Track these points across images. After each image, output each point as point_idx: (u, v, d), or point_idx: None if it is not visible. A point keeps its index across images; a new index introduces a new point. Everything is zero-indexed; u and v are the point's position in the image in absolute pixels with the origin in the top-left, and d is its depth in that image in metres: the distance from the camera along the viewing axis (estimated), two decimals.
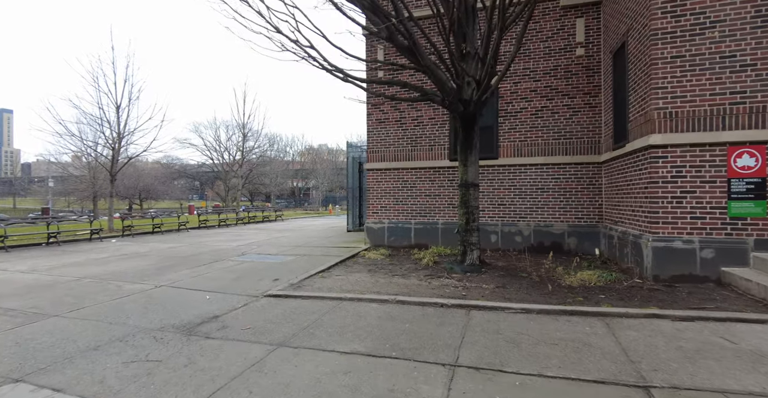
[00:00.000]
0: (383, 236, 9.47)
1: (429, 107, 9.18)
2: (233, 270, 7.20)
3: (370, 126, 9.65)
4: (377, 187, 9.60)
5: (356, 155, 13.75)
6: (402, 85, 6.93)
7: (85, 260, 8.54)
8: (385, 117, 9.53)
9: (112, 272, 7.11)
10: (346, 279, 6.26)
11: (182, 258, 8.54)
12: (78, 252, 9.89)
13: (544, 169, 8.44)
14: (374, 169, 9.62)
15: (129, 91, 15.27)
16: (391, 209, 9.47)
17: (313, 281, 6.16)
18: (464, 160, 6.65)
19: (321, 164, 63.53)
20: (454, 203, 8.97)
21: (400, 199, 9.41)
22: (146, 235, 14.03)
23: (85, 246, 11.01)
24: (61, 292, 5.66)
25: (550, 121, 8.41)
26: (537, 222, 8.46)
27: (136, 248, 10.43)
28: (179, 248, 10.31)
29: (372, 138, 9.63)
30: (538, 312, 4.38)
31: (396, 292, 5.32)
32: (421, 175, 9.23)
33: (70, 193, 42.64)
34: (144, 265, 7.77)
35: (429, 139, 9.17)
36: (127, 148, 15.79)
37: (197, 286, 5.94)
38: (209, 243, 11.25)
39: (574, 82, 8.27)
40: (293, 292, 5.43)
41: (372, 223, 9.60)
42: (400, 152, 9.39)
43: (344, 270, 6.92)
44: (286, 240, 11.86)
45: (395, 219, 9.44)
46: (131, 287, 5.92)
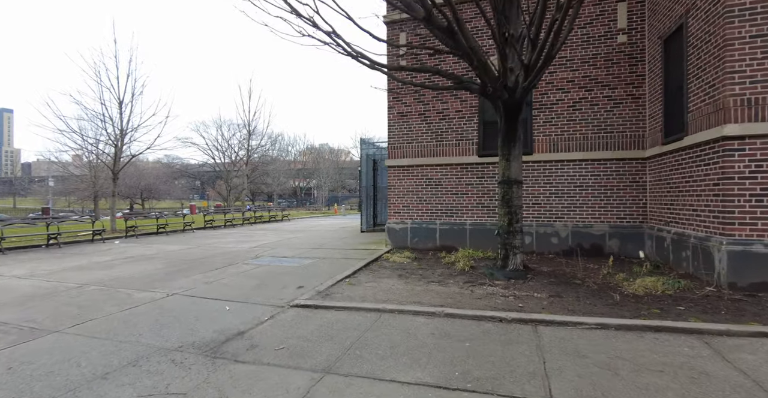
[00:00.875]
0: (406, 237, 8.86)
1: (455, 99, 8.56)
2: (250, 275, 6.59)
3: (392, 120, 9.03)
4: (399, 185, 8.99)
5: (370, 152, 13.14)
6: (435, 72, 6.32)
7: (88, 263, 7.93)
8: (407, 110, 8.91)
9: (117, 277, 6.50)
10: (377, 286, 5.65)
11: (192, 262, 7.93)
12: (80, 254, 9.29)
13: (582, 166, 7.82)
14: (396, 166, 9.01)
15: (132, 86, 14.70)
16: (415, 209, 8.86)
17: (341, 288, 5.55)
18: (506, 155, 6.04)
19: (323, 164, 62.84)
20: (483, 202, 8.36)
21: (424, 197, 8.80)
22: (151, 236, 13.42)
23: (87, 248, 10.41)
24: (62, 302, 5.05)
25: (589, 114, 7.80)
26: (575, 222, 7.85)
27: (142, 250, 9.82)
28: (188, 250, 9.71)
29: (393, 133, 9.01)
30: (617, 328, 3.77)
31: (440, 303, 4.71)
32: (447, 172, 8.61)
33: (71, 193, 42.07)
34: (152, 270, 7.17)
35: (455, 133, 8.56)
36: (130, 145, 15.20)
37: (214, 295, 5.33)
38: (219, 245, 10.64)
39: (615, 71, 7.66)
40: (323, 302, 4.82)
41: (394, 224, 8.99)
42: (424, 148, 8.77)
43: (372, 276, 6.32)
44: (299, 241, 11.24)
45: (419, 219, 8.82)
46: (140, 295, 5.32)
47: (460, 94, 8.52)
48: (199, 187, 71.03)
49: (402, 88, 8.86)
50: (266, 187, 57.26)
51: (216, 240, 12.00)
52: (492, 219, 8.29)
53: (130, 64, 14.56)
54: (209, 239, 12.28)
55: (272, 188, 57.45)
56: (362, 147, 12.88)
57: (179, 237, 13.19)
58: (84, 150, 15.91)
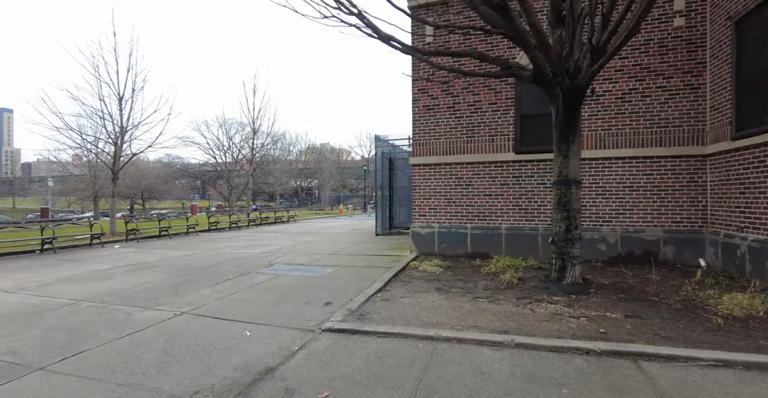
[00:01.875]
0: (433, 243, 8.08)
1: (489, 90, 7.78)
2: (267, 288, 5.82)
3: (417, 114, 8.25)
4: (425, 186, 8.21)
5: (386, 150, 12.36)
6: (480, 57, 5.54)
7: (85, 273, 7.16)
8: (434, 103, 8.13)
9: (117, 290, 5.73)
10: (416, 303, 4.88)
11: (200, 271, 7.16)
12: (76, 261, 8.52)
13: (633, 164, 7.05)
14: (421, 165, 8.23)
15: (132, 81, 13.92)
16: (443, 211, 8.08)
17: (375, 306, 4.78)
18: (564, 150, 5.26)
19: (326, 163, 62.09)
20: (520, 204, 7.58)
21: (453, 199, 8.02)
22: (152, 240, 12.65)
23: (84, 254, 9.64)
24: (51, 324, 4.28)
25: (640, 107, 7.02)
26: (624, 227, 7.07)
27: (144, 256, 9.05)
28: (194, 256, 8.93)
29: (419, 128, 8.24)
30: (746, 367, 2.99)
31: (502, 327, 3.94)
32: (479, 171, 7.84)
33: (70, 193, 41.34)
34: (156, 280, 6.40)
35: (489, 128, 7.78)
36: (130, 143, 14.42)
37: (228, 313, 4.56)
38: (227, 250, 9.87)
39: (670, 58, 6.87)
40: (360, 325, 4.05)
41: (419, 228, 8.21)
42: (454, 144, 7.99)
43: (406, 290, 5.54)
44: (313, 246, 10.47)
45: (447, 223, 8.05)
46: (143, 316, 4.54)
47: (493, 84, 7.74)
48: (199, 186, 70.33)
49: (429, 78, 8.08)
50: (267, 186, 56.54)
51: (223, 244, 11.23)
52: (531, 224, 7.52)
53: (131, 57, 13.80)
54: (215, 243, 11.50)
55: (274, 188, 56.75)
56: (377, 144, 12.11)
57: (183, 241, 12.41)
58: (83, 148, 15.14)
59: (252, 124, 21.27)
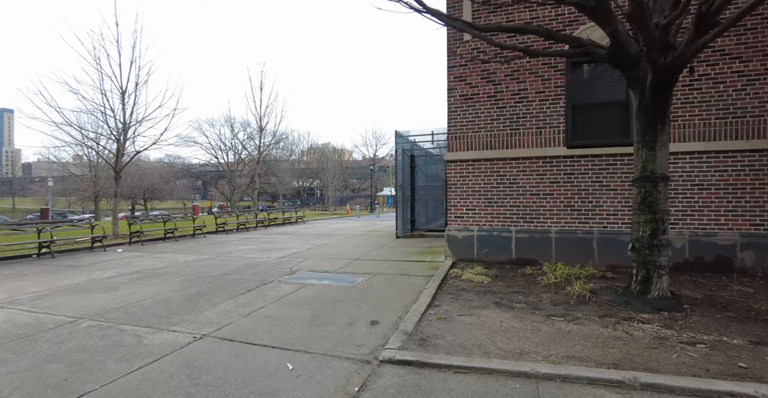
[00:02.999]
0: (471, 247, 7.28)
1: (536, 77, 6.99)
2: (297, 301, 5.03)
3: (453, 104, 7.46)
4: (462, 184, 7.42)
5: (407, 147, 11.56)
6: (544, 34, 4.75)
7: (86, 282, 6.38)
8: (473, 92, 7.34)
9: (123, 305, 4.94)
10: (481, 323, 4.08)
11: (215, 279, 6.37)
12: (76, 268, 7.73)
13: (703, 159, 6.25)
14: (457, 161, 7.43)
15: (136, 74, 13.13)
16: (483, 212, 7.28)
17: (433, 327, 3.99)
18: (649, 142, 4.47)
19: (330, 163, 61.33)
20: (573, 204, 6.79)
21: (494, 198, 7.22)
22: (157, 242, 11.86)
23: (85, 259, 8.85)
24: (45, 352, 3.49)
25: (712, 94, 6.22)
26: (692, 230, 6.28)
27: (150, 261, 8.26)
28: (205, 262, 8.14)
29: (455, 120, 7.44)
30: None
31: (607, 358, 3.15)
32: (525, 168, 7.04)
33: (71, 193, 40.61)
34: (167, 291, 5.60)
35: (536, 119, 6.99)
36: (134, 140, 13.65)
37: (260, 337, 3.77)
38: (240, 255, 9.08)
39: (749, 39, 6.08)
40: (428, 355, 3.25)
41: (455, 231, 7.41)
42: (495, 137, 7.20)
43: (460, 305, 4.75)
44: (333, 250, 9.67)
45: (488, 225, 7.25)
46: (157, 340, 3.75)
47: (540, 71, 6.95)
48: (200, 187, 69.63)
49: (466, 64, 7.29)
50: (270, 187, 55.83)
51: (234, 247, 10.43)
52: (584, 227, 6.72)
53: (134, 49, 13.02)
54: (226, 246, 10.71)
55: (276, 188, 56.00)
56: (397, 141, 11.31)
57: (191, 243, 11.62)
58: (83, 145, 14.36)
59: (259, 121, 20.49)
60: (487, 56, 7.22)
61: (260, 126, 20.58)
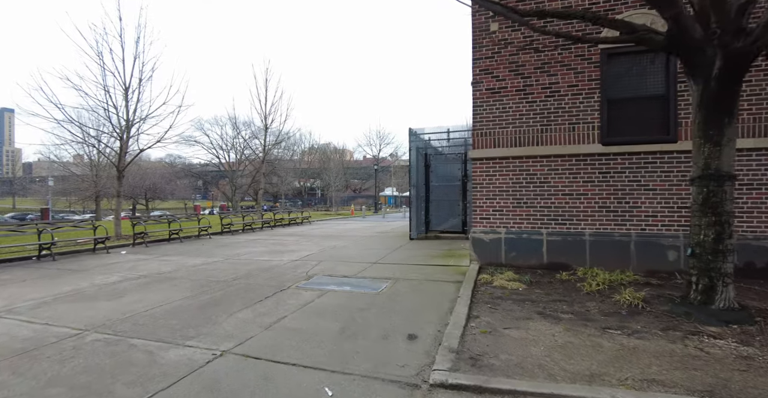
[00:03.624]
0: (498, 251, 6.86)
1: (568, 70, 6.57)
2: (320, 310, 4.60)
3: (479, 98, 7.03)
4: (488, 184, 7.00)
5: (421, 146, 11.14)
6: (591, 18, 4.34)
7: (89, 288, 5.96)
8: (500, 85, 6.92)
9: (131, 315, 4.51)
10: (531, 337, 3.66)
11: (228, 285, 5.95)
12: (79, 272, 7.31)
13: (753, 157, 5.83)
14: (484, 159, 7.01)
15: (140, 70, 12.73)
16: (511, 214, 6.86)
17: (480, 342, 3.57)
18: (714, 136, 4.04)
19: (332, 163, 60.94)
20: (609, 205, 6.36)
21: (523, 199, 6.80)
22: (162, 244, 11.44)
23: (88, 262, 8.43)
24: (45, 373, 3.07)
25: (763, 87, 5.80)
26: (740, 233, 5.84)
27: (157, 265, 7.84)
28: (215, 265, 7.72)
29: (481, 115, 7.02)
30: None
31: (693, 383, 2.73)
32: (557, 166, 6.62)
33: (71, 193, 40.22)
34: (177, 299, 5.18)
35: (569, 114, 6.56)
36: (137, 138, 13.24)
37: (287, 353, 3.35)
38: (250, 257, 8.65)
39: None
40: (485, 378, 2.83)
41: (481, 233, 6.99)
42: (525, 134, 6.78)
43: (502, 315, 4.32)
44: (346, 253, 9.24)
45: (516, 227, 6.82)
46: (171, 357, 3.33)
47: (573, 63, 6.53)
48: (201, 186, 69.29)
49: (493, 56, 6.87)
50: (271, 186, 55.41)
51: (243, 249, 10.01)
52: (621, 229, 6.30)
53: (138, 44, 12.61)
54: (234, 248, 10.28)
55: (278, 188, 55.63)
56: (411, 139, 10.88)
57: (196, 245, 11.20)
58: (85, 143, 13.96)
59: (264, 119, 20.08)
60: (515, 47, 6.81)
61: (265, 124, 20.17)
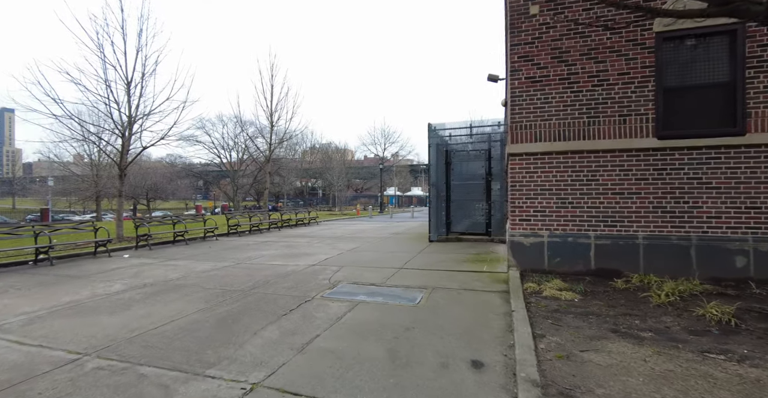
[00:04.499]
0: (540, 256, 6.24)
1: (618, 56, 5.94)
2: (358, 327, 3.98)
3: (517, 88, 6.41)
4: (529, 181, 6.38)
5: (441, 142, 10.51)
6: None
7: (90, 298, 5.34)
8: (541, 74, 6.30)
9: (139, 333, 3.90)
10: (617, 362, 3.05)
11: (245, 295, 5.33)
12: (78, 278, 6.69)
13: None
14: (524, 154, 6.39)
15: (142, 64, 12.11)
16: (554, 215, 6.24)
17: (559, 370, 2.96)
18: None
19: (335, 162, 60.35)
20: (664, 206, 5.75)
21: (568, 198, 6.18)
22: (167, 246, 10.83)
23: (88, 266, 7.82)
24: None
25: None
26: None
27: (163, 271, 7.22)
28: (226, 271, 7.10)
29: (520, 106, 6.40)
30: None
31: None
32: (606, 162, 6.00)
33: (72, 193, 39.61)
34: (190, 312, 4.56)
35: (619, 105, 5.94)
36: (140, 135, 12.61)
37: (332, 386, 2.74)
38: (262, 262, 8.03)
39: None
40: None
41: (521, 237, 6.37)
42: (569, 127, 6.16)
43: (569, 334, 3.70)
44: (366, 257, 8.62)
45: (560, 230, 6.20)
46: (192, 393, 2.71)
47: (624, 49, 5.91)
48: (201, 186, 68.72)
49: (533, 41, 6.26)
50: (274, 186, 54.79)
51: (254, 253, 9.39)
52: (679, 231, 5.68)
53: (140, 36, 11.98)
54: (244, 251, 9.66)
55: (281, 188, 55.06)
56: (430, 135, 10.26)
57: (203, 248, 10.58)
58: (85, 141, 13.34)
59: (270, 116, 19.45)
60: (558, 32, 6.19)
61: (271, 121, 19.54)
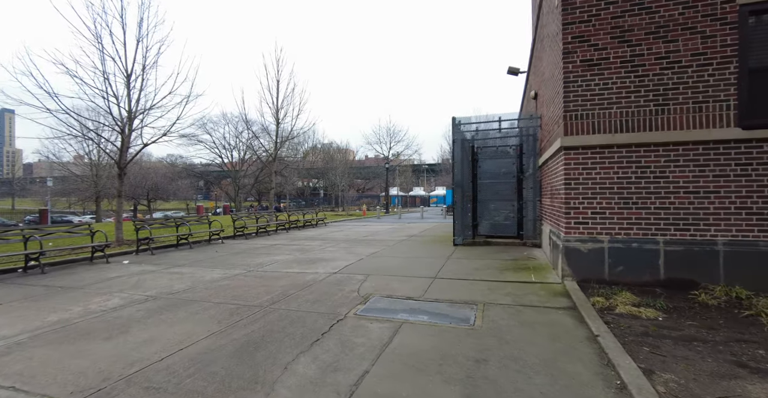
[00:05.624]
0: (600, 264, 5.44)
1: (692, 34, 5.15)
2: (413, 359, 3.19)
3: (571, 72, 5.62)
4: (586, 178, 5.58)
5: (467, 137, 9.71)
6: None
7: (82, 317, 4.55)
8: (600, 56, 5.50)
9: (140, 368, 3.10)
10: None
11: (265, 312, 4.54)
12: (71, 290, 5.91)
13: None
14: (579, 148, 5.60)
15: (143, 56, 11.33)
16: (616, 216, 5.45)
17: None
18: None
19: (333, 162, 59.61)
20: (749, 206, 4.95)
21: (632, 198, 5.39)
22: (170, 251, 10.04)
23: (83, 275, 7.03)
24: None
25: None
26: None
27: (167, 280, 6.43)
28: (237, 280, 6.31)
29: (574, 93, 5.60)
30: None
31: None
32: (678, 156, 5.21)
33: (71, 193, 38.87)
34: (201, 336, 3.77)
35: (693, 91, 5.15)
36: (141, 131, 11.82)
37: None
38: (276, 268, 7.24)
39: None
40: None
41: (576, 242, 5.57)
42: (633, 116, 5.36)
43: (683, 370, 2.92)
44: (391, 263, 7.82)
45: (623, 234, 5.40)
46: None
47: (700, 24, 5.12)
48: (202, 187, 68.00)
49: (589, 19, 5.47)
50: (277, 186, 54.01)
51: (265, 258, 8.59)
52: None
53: (141, 26, 11.19)
54: (254, 256, 8.87)
55: (283, 188, 54.37)
56: (455, 130, 9.47)
57: (209, 252, 9.79)
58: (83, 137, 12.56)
59: (276, 114, 18.67)
60: (618, 8, 5.40)
61: (277, 119, 18.75)
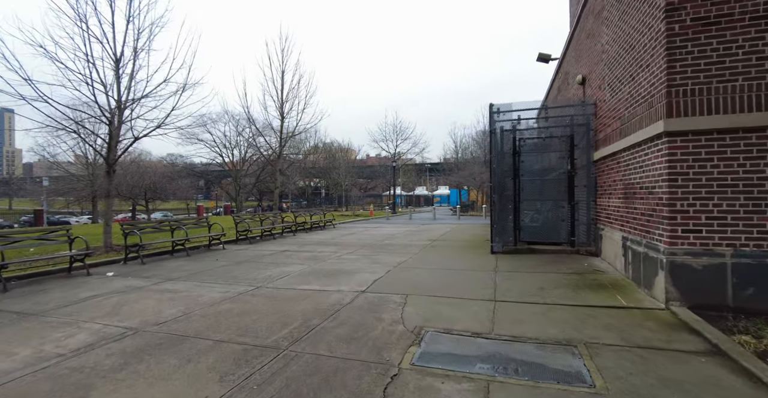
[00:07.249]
0: (721, 284, 4.15)
1: None
2: None
3: (677, 35, 4.31)
4: (698, 173, 4.29)
5: (508, 126, 8.40)
6: None
7: (24, 368, 3.25)
8: (718, 11, 4.20)
9: None
10: None
11: (284, 360, 3.25)
12: (26, 318, 4.61)
13: None
14: (689, 133, 4.30)
15: (134, 38, 10.04)
16: (741, 223, 4.15)
17: None
18: None
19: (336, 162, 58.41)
20: None
21: (765, 199, 4.09)
22: (163, 259, 8.76)
23: (50, 295, 5.73)
24: None
25: None
26: None
27: (155, 302, 5.13)
28: (243, 302, 5.00)
29: (683, 61, 4.30)
30: None
31: None
32: None
33: (67, 193, 37.65)
34: None
35: None
36: (131, 124, 10.52)
37: None
38: (290, 284, 5.94)
39: None
40: None
41: (686, 254, 4.27)
42: (766, 91, 4.06)
43: None
44: (428, 277, 6.51)
45: (753, 246, 4.10)
46: None
47: None
48: (202, 186, 66.77)
49: None
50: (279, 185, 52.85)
51: (275, 269, 7.29)
52: None
53: (131, 3, 9.89)
54: (261, 267, 7.57)
55: (285, 187, 53.15)
56: (493, 118, 8.18)
57: (209, 260, 8.50)
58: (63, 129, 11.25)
59: (281, 107, 17.38)
60: None
61: (281, 113, 17.45)
